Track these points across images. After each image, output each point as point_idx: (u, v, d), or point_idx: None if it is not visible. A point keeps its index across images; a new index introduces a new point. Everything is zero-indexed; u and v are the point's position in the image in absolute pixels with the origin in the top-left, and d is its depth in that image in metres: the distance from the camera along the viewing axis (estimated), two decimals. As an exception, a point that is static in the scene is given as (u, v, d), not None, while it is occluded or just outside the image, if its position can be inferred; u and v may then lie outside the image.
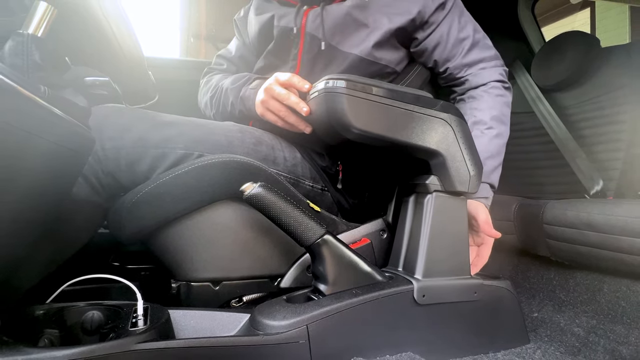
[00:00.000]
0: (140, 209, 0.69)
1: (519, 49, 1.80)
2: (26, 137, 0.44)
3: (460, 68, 0.92)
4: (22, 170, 0.45)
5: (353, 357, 0.65)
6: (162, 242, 0.73)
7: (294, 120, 0.79)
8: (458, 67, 0.92)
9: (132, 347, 0.53)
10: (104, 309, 0.65)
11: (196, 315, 0.67)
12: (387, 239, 0.86)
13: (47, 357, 0.49)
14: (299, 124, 0.79)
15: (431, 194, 0.75)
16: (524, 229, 1.18)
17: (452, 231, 0.76)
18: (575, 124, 1.39)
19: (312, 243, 0.67)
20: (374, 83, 0.69)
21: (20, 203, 0.47)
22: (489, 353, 0.76)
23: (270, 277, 0.78)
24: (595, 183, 1.25)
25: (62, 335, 0.61)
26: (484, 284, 0.76)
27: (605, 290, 1.00)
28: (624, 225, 0.91)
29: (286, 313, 0.64)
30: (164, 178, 0.68)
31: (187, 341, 0.58)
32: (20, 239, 0.51)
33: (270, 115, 0.81)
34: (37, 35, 0.50)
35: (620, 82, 1.28)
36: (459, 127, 0.74)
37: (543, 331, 0.95)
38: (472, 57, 0.92)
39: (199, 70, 1.14)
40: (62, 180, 0.56)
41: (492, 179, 0.89)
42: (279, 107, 0.79)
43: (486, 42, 0.95)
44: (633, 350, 0.83)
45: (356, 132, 0.68)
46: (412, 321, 0.71)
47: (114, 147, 0.67)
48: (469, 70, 0.92)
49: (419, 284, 0.71)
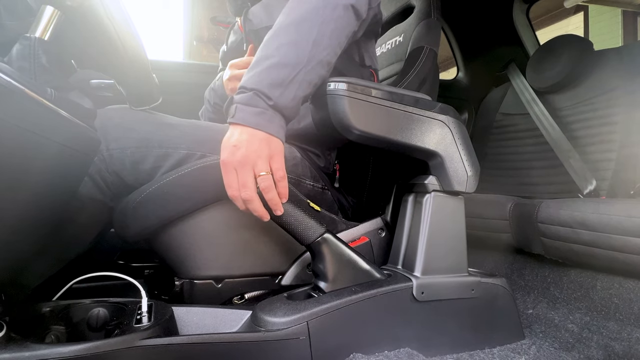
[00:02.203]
0: (145, 208, 0.69)
1: (514, 52, 1.80)
2: (33, 138, 0.44)
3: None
4: (29, 171, 0.45)
5: (352, 352, 0.65)
6: (165, 241, 0.73)
7: None
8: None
9: (137, 343, 0.53)
10: (109, 306, 0.65)
11: (199, 312, 0.67)
12: (386, 238, 0.86)
13: (53, 353, 0.49)
14: None
15: (430, 193, 0.75)
16: (519, 228, 1.18)
17: (450, 230, 0.76)
18: (569, 125, 1.39)
19: (313, 241, 0.67)
20: (374, 85, 0.69)
21: (28, 203, 0.47)
22: (485, 349, 0.76)
23: (271, 274, 0.78)
24: (588, 183, 1.25)
25: (69, 332, 0.61)
26: (481, 281, 0.77)
27: (598, 287, 1.00)
28: (616, 224, 0.91)
29: (287, 310, 0.63)
30: (167, 178, 0.68)
31: (190, 337, 0.58)
32: (27, 238, 0.51)
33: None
34: (43, 38, 0.50)
35: (613, 84, 1.28)
36: (457, 128, 0.74)
37: (538, 327, 0.95)
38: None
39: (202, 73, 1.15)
40: (68, 181, 0.55)
41: (259, 84, 0.61)
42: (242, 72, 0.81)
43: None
44: (626, 346, 0.83)
45: (357, 133, 0.68)
46: (410, 318, 0.71)
47: (118, 147, 0.67)
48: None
49: (418, 281, 0.71)
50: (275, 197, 0.62)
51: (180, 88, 1.35)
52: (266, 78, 0.61)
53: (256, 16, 0.92)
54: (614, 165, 1.23)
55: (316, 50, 0.64)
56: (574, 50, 1.38)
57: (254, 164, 0.60)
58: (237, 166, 0.60)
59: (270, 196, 0.61)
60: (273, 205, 0.63)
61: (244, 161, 0.59)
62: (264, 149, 0.60)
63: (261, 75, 0.62)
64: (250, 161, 0.59)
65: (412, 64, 0.96)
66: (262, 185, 0.60)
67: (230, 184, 0.61)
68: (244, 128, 0.60)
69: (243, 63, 0.91)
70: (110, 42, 0.59)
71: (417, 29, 1.04)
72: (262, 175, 0.60)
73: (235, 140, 0.60)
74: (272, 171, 0.62)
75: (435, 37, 1.01)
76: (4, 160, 0.42)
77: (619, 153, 1.23)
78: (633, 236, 0.88)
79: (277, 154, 0.62)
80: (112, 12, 0.57)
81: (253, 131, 0.60)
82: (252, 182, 0.60)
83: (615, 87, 1.27)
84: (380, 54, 1.20)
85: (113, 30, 0.58)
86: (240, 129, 0.60)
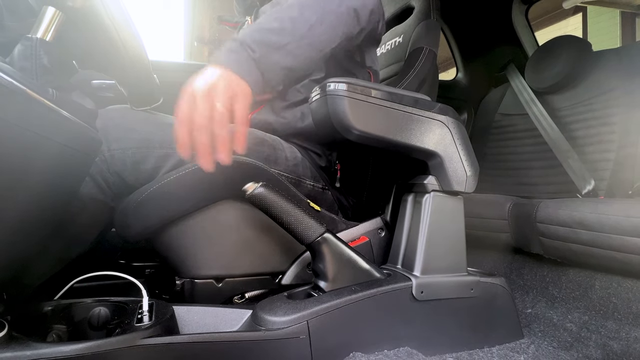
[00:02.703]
0: (146, 208, 0.69)
1: (513, 52, 1.80)
2: (35, 138, 0.44)
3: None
4: (31, 171, 0.45)
5: (352, 351, 0.65)
6: (166, 241, 0.73)
7: None
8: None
9: (138, 342, 0.53)
10: (110, 305, 0.65)
11: (200, 312, 0.67)
12: (385, 237, 0.86)
13: (55, 351, 0.49)
14: None
15: (429, 193, 0.75)
16: (518, 228, 1.18)
17: (450, 229, 0.76)
18: (568, 126, 1.39)
19: (313, 241, 0.67)
20: (373, 86, 0.69)
21: (29, 203, 0.47)
22: (484, 348, 0.76)
23: (272, 274, 0.78)
24: (587, 183, 1.25)
25: (70, 331, 0.61)
26: (480, 281, 0.76)
27: (596, 286, 1.00)
28: (615, 223, 0.91)
29: (287, 309, 0.63)
30: (168, 178, 0.68)
31: (191, 336, 0.58)
32: (28, 238, 0.51)
33: None
34: (45, 39, 0.50)
35: (611, 84, 1.28)
36: (456, 128, 0.74)
37: (536, 326, 0.95)
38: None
39: (203, 74, 1.14)
40: (69, 181, 0.55)
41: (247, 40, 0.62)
42: None
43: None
44: (624, 345, 0.83)
45: (356, 133, 0.68)
46: (410, 317, 0.71)
47: (120, 148, 0.67)
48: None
49: (417, 280, 0.71)
50: (223, 135, 0.55)
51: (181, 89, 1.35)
52: (257, 36, 0.63)
53: (265, 14, 0.92)
54: (612, 166, 1.23)
55: (311, 33, 0.67)
56: (573, 51, 1.38)
57: (215, 96, 0.55)
58: (198, 93, 0.55)
59: (219, 132, 0.55)
60: (220, 145, 0.55)
61: (207, 89, 0.55)
62: (232, 87, 0.57)
63: (253, 34, 0.63)
64: (213, 92, 0.55)
65: (412, 65, 0.96)
66: (216, 118, 0.54)
67: (183, 108, 0.55)
68: (220, 68, 0.58)
69: None
70: (111, 43, 0.59)
71: (417, 29, 1.04)
72: (219, 110, 0.55)
73: (206, 74, 0.57)
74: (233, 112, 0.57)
75: (434, 38, 1.02)
76: (5, 160, 0.42)
77: (617, 153, 1.23)
78: (631, 236, 0.88)
79: (244, 96, 0.58)
80: (113, 13, 0.57)
81: (227, 72, 0.58)
82: (207, 111, 0.54)
83: (614, 88, 1.27)
84: (380, 54, 1.20)
85: (114, 30, 0.58)
86: (216, 68, 0.58)
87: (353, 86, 0.67)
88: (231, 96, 0.57)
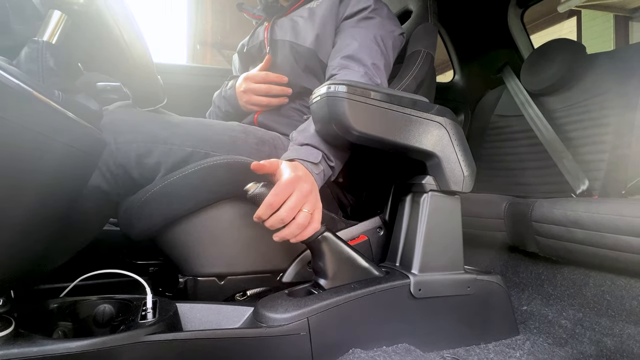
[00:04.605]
0: (150, 207, 0.69)
1: (509, 55, 1.80)
2: (41, 139, 0.44)
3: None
4: (36, 170, 0.45)
5: (351, 348, 0.65)
6: (170, 239, 0.73)
7: (277, 90, 0.90)
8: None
9: (142, 339, 0.53)
10: (115, 302, 0.65)
11: (202, 309, 0.67)
12: (384, 236, 0.86)
13: (60, 348, 0.49)
14: (282, 91, 0.90)
15: (427, 193, 0.75)
16: (514, 227, 1.18)
17: (447, 228, 0.76)
18: (563, 127, 1.38)
19: (313, 240, 0.67)
20: (373, 88, 0.69)
21: (34, 202, 0.47)
22: (480, 344, 0.76)
23: (273, 272, 0.78)
24: (581, 183, 1.25)
25: (75, 328, 0.61)
26: (476, 278, 0.76)
27: (590, 284, 1.00)
28: (608, 222, 0.91)
29: (288, 306, 0.63)
30: (172, 178, 0.68)
31: (193, 333, 0.58)
32: (34, 237, 0.51)
33: (255, 98, 0.91)
34: (51, 42, 0.50)
35: (605, 87, 1.28)
36: (453, 129, 0.74)
37: (532, 323, 0.95)
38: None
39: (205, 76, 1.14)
40: (74, 180, 0.55)
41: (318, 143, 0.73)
42: (260, 87, 0.90)
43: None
44: (617, 342, 0.83)
45: (356, 134, 0.68)
46: (408, 314, 0.71)
47: (125, 141, 0.67)
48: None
49: (415, 278, 0.71)
50: (300, 234, 0.63)
51: (184, 90, 1.35)
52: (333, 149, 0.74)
53: (282, 28, 0.94)
54: (606, 166, 1.23)
55: None
56: (567, 53, 1.38)
57: (306, 202, 0.63)
58: (296, 193, 0.62)
59: (297, 232, 0.63)
60: (294, 237, 0.64)
61: (305, 194, 0.62)
62: (317, 199, 0.66)
63: (329, 147, 0.74)
64: (306, 198, 0.63)
65: (410, 67, 0.96)
66: (299, 219, 0.62)
67: (278, 195, 0.61)
68: (309, 175, 0.67)
69: (260, 78, 0.91)
70: (116, 46, 0.59)
71: (415, 33, 1.04)
72: (305, 212, 0.62)
73: (305, 177, 0.64)
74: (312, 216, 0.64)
75: (432, 41, 1.01)
76: (11, 160, 0.42)
77: (611, 154, 1.23)
78: (624, 234, 0.88)
79: (321, 208, 0.67)
80: (118, 17, 0.57)
81: (314, 182, 0.67)
82: (294, 211, 0.62)
83: (608, 90, 1.27)
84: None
85: (119, 34, 0.58)
86: (308, 175, 0.67)
87: (353, 88, 0.67)
88: (315, 207, 0.65)
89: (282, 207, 0.61)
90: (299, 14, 0.94)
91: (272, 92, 0.90)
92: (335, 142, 0.74)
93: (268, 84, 0.90)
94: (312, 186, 0.64)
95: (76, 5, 0.51)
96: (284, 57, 0.92)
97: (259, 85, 0.91)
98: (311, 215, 0.63)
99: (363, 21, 0.89)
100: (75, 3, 0.51)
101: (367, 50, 0.84)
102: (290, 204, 0.61)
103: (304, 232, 0.63)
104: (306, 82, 0.90)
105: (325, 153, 0.72)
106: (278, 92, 0.90)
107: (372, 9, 0.90)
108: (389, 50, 0.89)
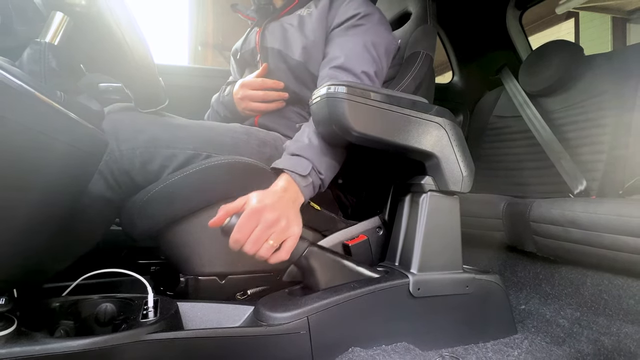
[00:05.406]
0: (151, 207, 0.68)
1: (508, 56, 1.80)
2: (43, 139, 0.44)
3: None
4: (39, 170, 0.45)
5: (351, 346, 0.65)
6: (171, 239, 0.73)
7: (274, 95, 0.91)
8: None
9: (143, 337, 0.53)
10: (116, 301, 0.65)
11: (203, 308, 0.67)
12: (383, 236, 0.86)
13: (62, 346, 0.49)
14: (279, 96, 0.91)
15: (426, 193, 0.75)
16: (512, 226, 1.18)
17: (446, 228, 0.76)
18: (560, 128, 1.38)
19: (295, 259, 0.67)
20: (372, 89, 0.69)
21: (37, 202, 0.47)
22: (479, 343, 0.76)
23: (273, 271, 0.78)
24: (579, 183, 1.24)
25: (77, 326, 0.61)
26: (475, 278, 0.76)
27: (588, 284, 1.00)
28: (606, 222, 0.91)
29: (288, 305, 0.63)
30: (173, 178, 0.68)
31: (194, 332, 0.58)
32: (37, 236, 0.51)
33: (252, 105, 0.92)
34: (53, 43, 0.50)
35: (603, 88, 1.28)
36: (452, 130, 0.74)
37: (530, 322, 0.95)
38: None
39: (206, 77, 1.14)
40: (77, 180, 0.55)
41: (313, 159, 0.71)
42: (257, 94, 0.91)
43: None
44: (614, 340, 0.83)
45: (356, 134, 0.68)
46: (407, 313, 0.71)
47: (129, 148, 0.67)
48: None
49: (414, 277, 0.71)
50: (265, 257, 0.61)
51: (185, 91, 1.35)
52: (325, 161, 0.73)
53: (273, 34, 0.93)
54: (603, 166, 1.23)
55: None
56: (565, 55, 1.38)
57: (272, 233, 0.61)
58: (262, 225, 0.60)
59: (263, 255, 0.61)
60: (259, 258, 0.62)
61: (270, 224, 0.61)
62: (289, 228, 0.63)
63: (321, 158, 0.72)
64: (271, 229, 0.61)
65: (409, 68, 0.96)
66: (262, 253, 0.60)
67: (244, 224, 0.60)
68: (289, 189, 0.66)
69: (257, 84, 0.91)
70: (118, 47, 0.59)
71: (414, 34, 1.04)
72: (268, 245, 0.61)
73: (275, 201, 0.62)
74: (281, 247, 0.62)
75: (431, 43, 1.01)
76: (14, 159, 0.42)
77: (608, 154, 1.23)
78: (622, 234, 0.88)
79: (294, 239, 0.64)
80: (119, 18, 0.57)
81: (290, 209, 0.64)
82: (260, 243, 0.60)
83: (605, 91, 1.27)
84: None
85: (121, 35, 0.58)
86: (286, 185, 0.66)
87: (352, 89, 0.67)
88: (284, 237, 0.62)
89: (247, 241, 0.60)
90: (289, 21, 0.93)
91: (269, 98, 0.91)
92: (335, 142, 0.74)
93: (265, 90, 0.91)
94: (279, 214, 0.61)
95: (78, 7, 0.51)
96: (276, 65, 0.92)
97: (256, 92, 0.91)
98: (279, 245, 0.62)
99: (352, 29, 0.87)
100: (77, 5, 0.51)
101: (356, 58, 0.82)
102: (254, 238, 0.60)
103: (270, 261, 0.62)
104: (299, 90, 0.90)
105: (316, 165, 0.71)
106: (275, 97, 0.91)
107: (362, 15, 0.87)
108: (381, 56, 0.87)
